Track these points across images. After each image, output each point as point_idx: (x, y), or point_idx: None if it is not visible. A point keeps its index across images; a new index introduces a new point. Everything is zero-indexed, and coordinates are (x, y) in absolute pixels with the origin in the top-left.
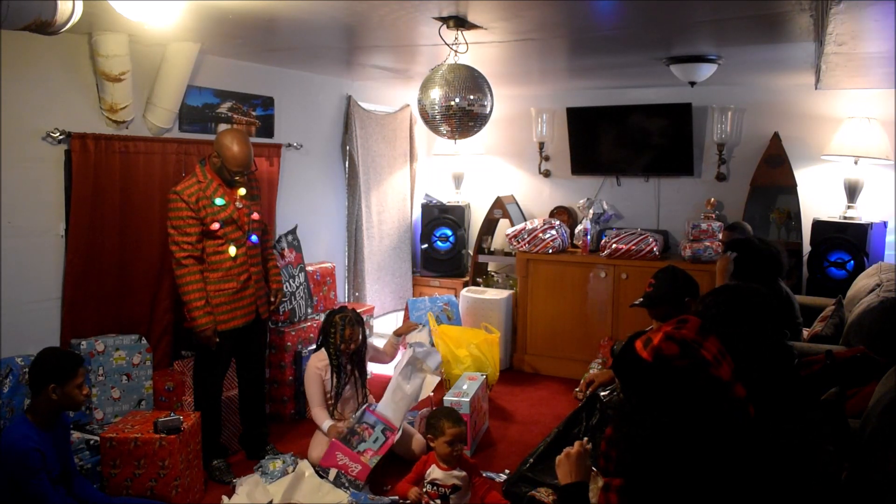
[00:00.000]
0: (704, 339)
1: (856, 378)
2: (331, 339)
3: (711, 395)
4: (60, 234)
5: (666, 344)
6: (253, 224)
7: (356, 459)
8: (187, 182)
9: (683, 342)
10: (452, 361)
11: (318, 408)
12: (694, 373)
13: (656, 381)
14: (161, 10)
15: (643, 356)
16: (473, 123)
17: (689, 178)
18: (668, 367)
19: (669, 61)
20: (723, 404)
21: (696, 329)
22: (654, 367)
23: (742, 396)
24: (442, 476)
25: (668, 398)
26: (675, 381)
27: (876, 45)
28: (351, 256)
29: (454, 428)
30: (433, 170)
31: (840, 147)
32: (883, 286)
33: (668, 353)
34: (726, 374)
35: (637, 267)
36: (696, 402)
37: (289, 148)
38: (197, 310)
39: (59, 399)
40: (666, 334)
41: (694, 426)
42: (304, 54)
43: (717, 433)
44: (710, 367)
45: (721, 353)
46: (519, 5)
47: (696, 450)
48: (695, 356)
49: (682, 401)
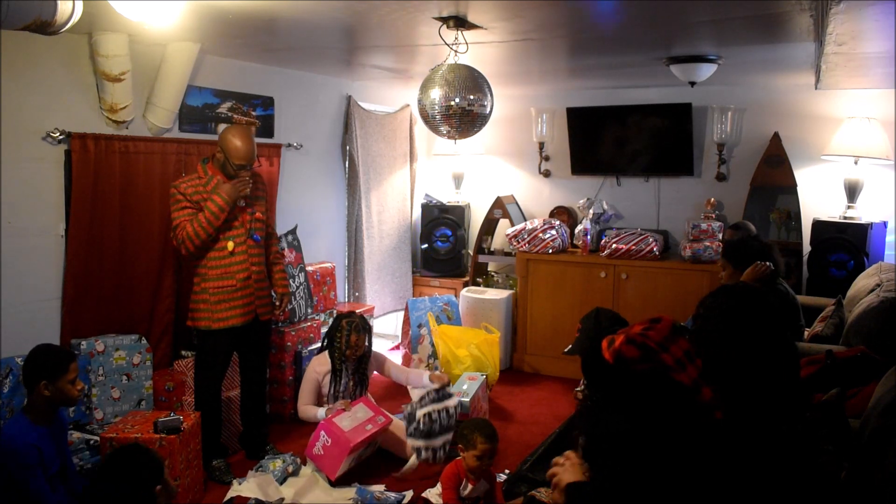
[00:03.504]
0: (671, 343)
1: (856, 378)
2: (336, 344)
3: (671, 399)
4: (60, 234)
5: (626, 347)
6: (256, 223)
7: (341, 436)
8: (188, 177)
9: (644, 346)
10: (452, 361)
11: (306, 405)
12: (653, 377)
13: (616, 382)
14: (161, 10)
15: (606, 356)
16: (473, 123)
17: (689, 178)
18: (628, 369)
19: (669, 61)
20: (683, 408)
21: (666, 331)
22: (615, 368)
23: (707, 399)
24: (470, 489)
25: (627, 399)
26: (633, 383)
27: (876, 45)
28: (351, 256)
29: (486, 444)
30: (433, 170)
31: (840, 147)
32: (883, 286)
33: (629, 356)
34: (689, 378)
35: (637, 267)
36: (655, 405)
37: (289, 148)
38: (214, 206)
39: (52, 395)
40: (627, 337)
41: (651, 428)
42: (304, 54)
43: (677, 436)
44: (671, 372)
45: (687, 357)
46: (519, 5)
47: (653, 450)
48: (654, 360)
49: (639, 403)
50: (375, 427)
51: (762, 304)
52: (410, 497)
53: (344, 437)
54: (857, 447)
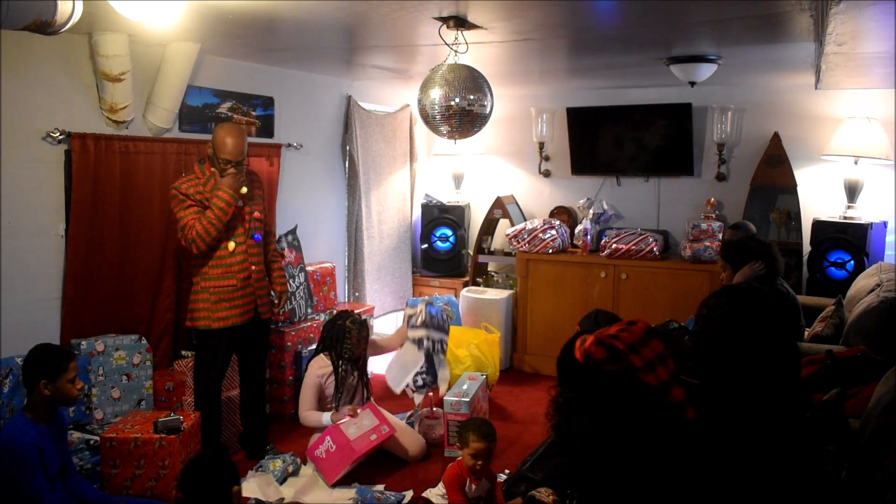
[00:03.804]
0: (643, 346)
1: (856, 378)
2: (346, 344)
3: (638, 400)
4: (60, 234)
5: (595, 348)
6: (255, 222)
7: (346, 445)
8: (186, 178)
9: (612, 348)
10: (452, 361)
11: (308, 411)
12: (620, 377)
13: (585, 381)
14: (161, 10)
15: (576, 355)
16: (473, 123)
17: (689, 178)
18: (596, 369)
19: (669, 61)
20: (652, 409)
21: (640, 333)
22: (584, 367)
23: (678, 399)
24: (474, 489)
25: (594, 398)
26: (601, 384)
27: (876, 45)
28: (351, 256)
29: (479, 443)
30: (433, 170)
31: (840, 147)
32: (883, 286)
33: (597, 356)
34: (657, 380)
35: (637, 267)
36: (621, 405)
37: (289, 148)
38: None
39: (51, 394)
40: (597, 338)
41: (617, 426)
42: (304, 54)
43: (643, 434)
44: (638, 373)
45: (659, 359)
46: (519, 5)
47: (619, 447)
48: (622, 361)
49: (606, 402)
50: (379, 438)
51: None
52: (410, 497)
53: (349, 447)
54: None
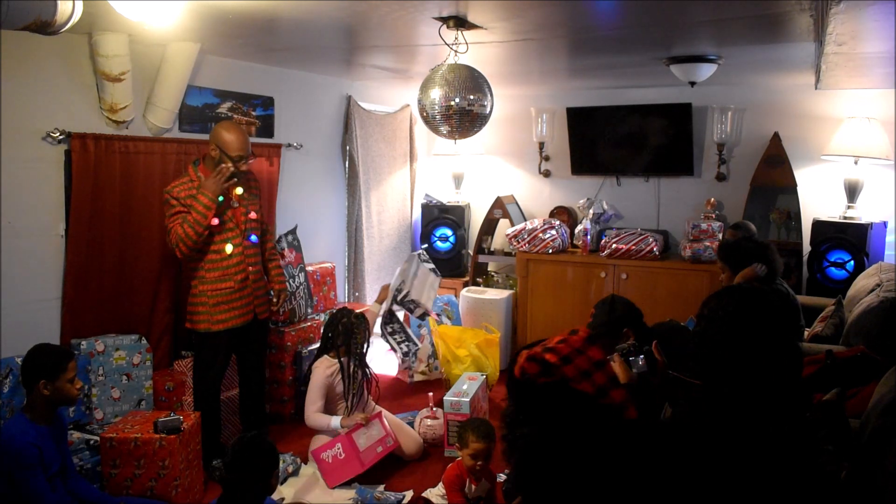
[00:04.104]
0: (579, 355)
1: (856, 378)
2: (357, 339)
3: (573, 408)
4: (60, 234)
5: (528, 363)
6: (250, 223)
7: (355, 456)
8: (179, 181)
9: (543, 362)
10: (452, 361)
11: (316, 413)
12: (554, 390)
13: (522, 396)
14: (161, 10)
15: (515, 371)
16: (473, 123)
17: (689, 178)
18: (531, 384)
19: (669, 61)
20: (589, 413)
21: (579, 343)
22: (520, 383)
23: (619, 401)
24: (474, 489)
25: (532, 411)
26: (536, 397)
27: (876, 45)
28: (351, 256)
29: (478, 443)
30: (433, 170)
31: (840, 147)
32: (883, 286)
33: (530, 371)
34: (593, 386)
35: (637, 267)
36: (557, 416)
37: (289, 148)
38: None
39: (51, 394)
40: (529, 354)
41: (555, 437)
42: (304, 54)
43: (583, 441)
44: (571, 382)
45: (596, 365)
46: (519, 5)
47: (560, 458)
48: (554, 373)
49: (543, 414)
50: (385, 451)
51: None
52: (410, 497)
53: (358, 460)
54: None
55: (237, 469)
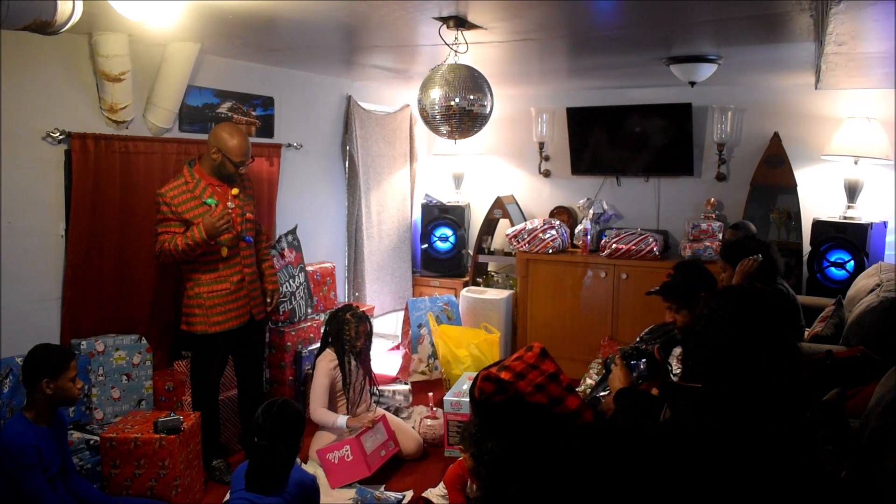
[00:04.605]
0: (532, 370)
1: (856, 378)
2: (346, 336)
3: (529, 420)
4: (60, 234)
5: (483, 383)
6: (246, 224)
7: (362, 460)
8: (174, 183)
9: (497, 381)
10: (452, 361)
11: (322, 409)
12: (509, 405)
13: (482, 413)
14: (161, 10)
15: (474, 392)
16: (473, 123)
17: (689, 178)
18: (490, 402)
19: (669, 61)
20: (547, 423)
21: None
22: (480, 402)
23: (573, 408)
24: (475, 490)
25: (493, 427)
26: (496, 413)
27: (876, 45)
28: (351, 256)
29: None
30: (433, 170)
31: (840, 147)
32: (883, 286)
33: (487, 391)
34: (548, 397)
35: (637, 267)
36: (516, 428)
37: (289, 148)
38: (191, 239)
39: (53, 394)
40: (485, 374)
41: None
42: (304, 54)
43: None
44: (526, 397)
45: (549, 377)
46: (519, 5)
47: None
48: (508, 391)
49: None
50: (388, 455)
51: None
52: (410, 497)
53: (364, 464)
54: (857, 447)
55: (268, 435)
